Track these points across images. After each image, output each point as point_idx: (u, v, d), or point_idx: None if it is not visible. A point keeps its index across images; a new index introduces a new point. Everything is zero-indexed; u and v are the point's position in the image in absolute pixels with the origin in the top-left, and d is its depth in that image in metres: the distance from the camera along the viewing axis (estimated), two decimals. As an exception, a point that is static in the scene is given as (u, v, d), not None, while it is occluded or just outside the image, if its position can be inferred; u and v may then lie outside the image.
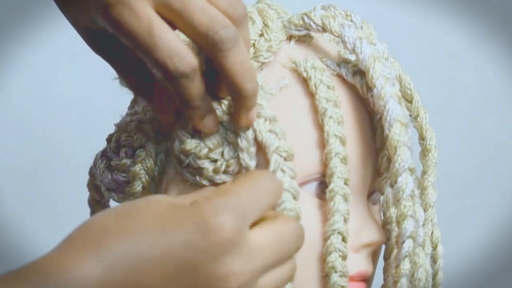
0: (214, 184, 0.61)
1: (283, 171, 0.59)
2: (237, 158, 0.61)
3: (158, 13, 0.56)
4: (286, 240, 0.55)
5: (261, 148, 0.60)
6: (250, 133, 0.60)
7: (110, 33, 0.57)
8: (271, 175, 0.58)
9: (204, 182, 0.61)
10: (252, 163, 0.60)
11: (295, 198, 0.59)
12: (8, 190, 1.42)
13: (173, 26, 0.57)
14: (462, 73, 1.44)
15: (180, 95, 0.58)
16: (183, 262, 0.50)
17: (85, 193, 0.71)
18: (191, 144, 0.61)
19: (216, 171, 0.61)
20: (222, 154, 0.61)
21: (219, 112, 0.61)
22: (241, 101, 0.59)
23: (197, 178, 0.61)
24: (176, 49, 0.55)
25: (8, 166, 1.42)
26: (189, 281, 0.50)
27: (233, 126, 0.61)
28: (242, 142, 0.60)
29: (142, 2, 0.55)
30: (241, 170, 0.61)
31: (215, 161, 0.61)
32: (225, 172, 0.61)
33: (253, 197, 0.54)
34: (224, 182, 0.61)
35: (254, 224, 0.54)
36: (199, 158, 0.61)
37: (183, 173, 0.62)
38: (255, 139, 0.60)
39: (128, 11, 0.55)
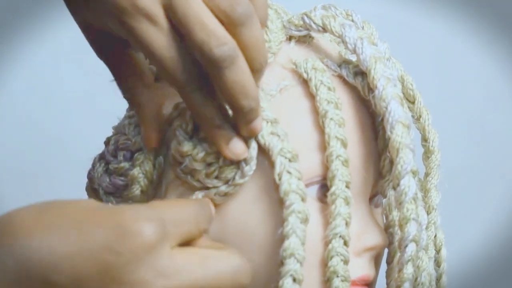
0: (204, 187, 0.61)
1: (289, 172, 0.58)
2: (233, 166, 0.60)
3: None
4: (217, 269, 0.52)
5: (264, 152, 0.59)
6: (251, 152, 0.60)
7: (116, 37, 0.57)
8: (205, 201, 0.57)
9: (195, 183, 0.61)
10: (240, 180, 0.60)
11: (303, 200, 0.58)
12: (9, 191, 1.41)
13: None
14: (464, 73, 1.44)
15: (195, 112, 0.58)
16: (95, 262, 0.49)
17: (84, 192, 0.71)
18: (188, 146, 0.60)
19: (208, 175, 0.60)
20: (217, 159, 0.60)
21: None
22: (239, 116, 0.58)
23: (189, 177, 0.61)
24: (190, 62, 0.56)
25: (10, 167, 1.41)
26: (99, 284, 0.49)
27: None
28: (240, 162, 0.60)
29: (160, 13, 0.55)
30: (234, 177, 0.60)
31: (209, 164, 0.60)
32: (217, 177, 0.60)
33: (179, 216, 0.53)
34: (215, 187, 0.61)
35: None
36: (195, 160, 0.60)
37: (176, 171, 0.61)
38: (258, 143, 0.60)
39: (148, 22, 0.55)
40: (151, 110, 0.61)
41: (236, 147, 0.59)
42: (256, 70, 0.57)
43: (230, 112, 0.59)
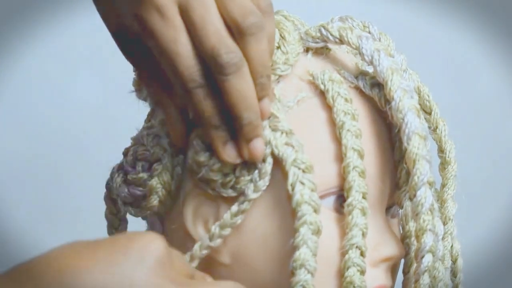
0: (219, 196, 0.61)
1: (302, 183, 0.59)
2: (249, 177, 0.60)
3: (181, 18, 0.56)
4: None
5: (279, 162, 0.60)
6: (266, 167, 0.60)
7: (135, 33, 0.58)
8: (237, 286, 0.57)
9: (210, 191, 0.61)
10: (253, 195, 0.60)
11: (316, 211, 0.58)
12: (21, 197, 1.42)
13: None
14: (474, 81, 1.44)
15: (195, 109, 0.58)
16: None
17: (99, 200, 0.71)
18: (204, 156, 0.61)
19: (224, 185, 0.61)
20: (234, 169, 0.61)
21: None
22: (238, 129, 0.59)
23: (204, 185, 0.61)
24: (196, 60, 0.56)
25: (22, 173, 1.42)
26: None
27: None
28: (254, 173, 0.60)
29: (173, 8, 0.56)
30: (248, 193, 0.60)
31: (226, 175, 0.61)
32: (232, 188, 0.61)
33: None
34: (229, 197, 0.61)
35: None
36: (212, 171, 0.61)
37: (193, 180, 0.62)
38: (272, 153, 0.60)
39: (158, 15, 0.55)
40: (176, 110, 0.62)
41: (232, 150, 0.59)
42: (259, 84, 0.58)
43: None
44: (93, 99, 1.42)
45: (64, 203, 1.43)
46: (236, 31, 0.56)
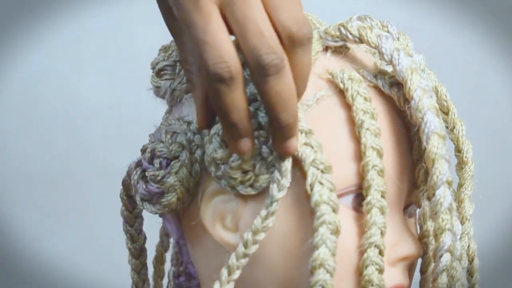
0: (238, 194, 0.61)
1: (321, 183, 0.59)
2: (268, 175, 0.60)
3: (221, 13, 0.55)
4: None
5: (297, 162, 0.60)
6: (286, 164, 0.60)
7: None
8: None
9: (228, 189, 0.61)
10: (279, 195, 0.59)
11: (334, 211, 0.58)
12: (30, 196, 1.42)
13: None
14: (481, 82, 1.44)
15: (213, 101, 0.57)
16: None
17: (107, 199, 0.71)
18: (223, 153, 0.61)
19: (243, 182, 0.61)
20: (253, 167, 0.61)
21: (254, 125, 0.60)
22: (275, 129, 0.58)
23: (222, 183, 0.61)
24: (222, 52, 0.55)
25: (33, 173, 1.42)
26: None
27: (269, 142, 0.60)
28: (275, 173, 0.60)
29: (210, 2, 0.55)
30: (267, 188, 0.60)
31: (245, 172, 0.61)
32: (252, 186, 0.61)
33: None
34: (248, 195, 0.61)
35: None
36: (231, 168, 0.61)
37: (212, 177, 0.62)
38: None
39: (193, 2, 0.55)
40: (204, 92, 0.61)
41: (244, 146, 0.59)
42: (297, 95, 0.58)
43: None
44: (102, 98, 1.42)
45: (73, 202, 1.43)
46: (287, 39, 0.56)
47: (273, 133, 0.59)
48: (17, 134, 1.42)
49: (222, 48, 0.55)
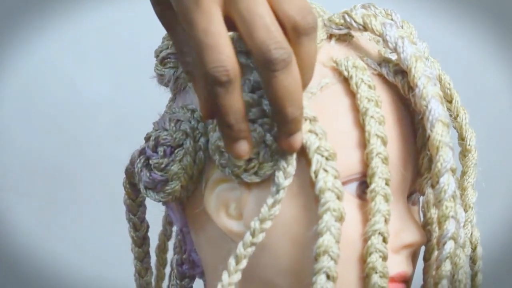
0: (242, 182, 0.61)
1: (325, 171, 0.59)
2: (273, 163, 0.60)
3: (227, 14, 0.55)
4: None
5: (302, 149, 0.60)
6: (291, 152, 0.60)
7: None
8: None
9: (232, 177, 0.61)
10: (286, 182, 0.59)
11: (339, 198, 0.59)
12: (30, 189, 1.42)
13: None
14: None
15: (213, 102, 0.57)
16: None
17: (109, 192, 0.71)
18: None
19: (247, 170, 0.61)
20: (258, 154, 0.61)
21: (258, 113, 0.60)
22: (281, 124, 0.58)
23: (227, 171, 0.61)
24: (222, 55, 0.55)
25: (34, 165, 1.42)
26: None
27: (274, 130, 0.60)
28: (280, 162, 0.60)
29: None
30: (273, 176, 0.60)
31: (249, 160, 0.61)
32: (256, 173, 0.61)
33: None
34: (253, 183, 0.61)
35: None
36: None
37: (216, 165, 0.62)
38: None
39: (194, 2, 0.55)
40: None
41: (241, 148, 0.58)
42: (303, 85, 0.58)
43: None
44: (103, 90, 1.42)
45: (73, 194, 1.43)
46: (292, 29, 0.56)
47: (279, 128, 0.59)
48: (18, 126, 1.42)
49: (222, 52, 0.55)
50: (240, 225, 0.63)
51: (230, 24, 0.56)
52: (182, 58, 0.60)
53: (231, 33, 0.56)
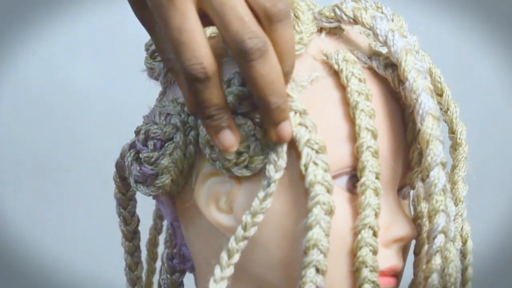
0: (232, 175, 0.61)
1: (315, 164, 0.59)
2: (263, 156, 0.60)
3: (201, 9, 0.55)
4: None
5: (292, 142, 0.60)
6: (282, 145, 0.60)
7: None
8: None
9: (223, 171, 0.61)
10: (276, 176, 0.59)
11: (329, 191, 0.58)
12: (22, 183, 1.42)
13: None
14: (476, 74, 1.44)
15: (193, 98, 0.57)
16: None
17: (101, 186, 0.71)
18: None
19: (238, 164, 0.61)
20: (248, 148, 0.60)
21: (248, 106, 0.60)
22: (265, 114, 0.58)
23: (217, 165, 0.61)
24: (197, 52, 0.55)
25: (24, 160, 1.42)
26: None
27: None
28: (271, 155, 0.60)
29: None
30: (263, 169, 0.60)
31: (240, 154, 0.61)
32: (246, 167, 0.61)
33: None
34: (243, 176, 0.61)
35: None
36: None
37: (206, 158, 0.62)
38: None
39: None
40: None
41: (226, 138, 0.59)
42: (285, 73, 0.58)
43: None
44: (93, 85, 1.42)
45: (64, 189, 1.43)
46: (264, 17, 0.56)
47: (264, 118, 0.59)
48: (8, 121, 1.42)
49: (197, 49, 0.55)
50: (230, 219, 0.62)
51: (207, 19, 0.56)
52: (163, 56, 0.60)
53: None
